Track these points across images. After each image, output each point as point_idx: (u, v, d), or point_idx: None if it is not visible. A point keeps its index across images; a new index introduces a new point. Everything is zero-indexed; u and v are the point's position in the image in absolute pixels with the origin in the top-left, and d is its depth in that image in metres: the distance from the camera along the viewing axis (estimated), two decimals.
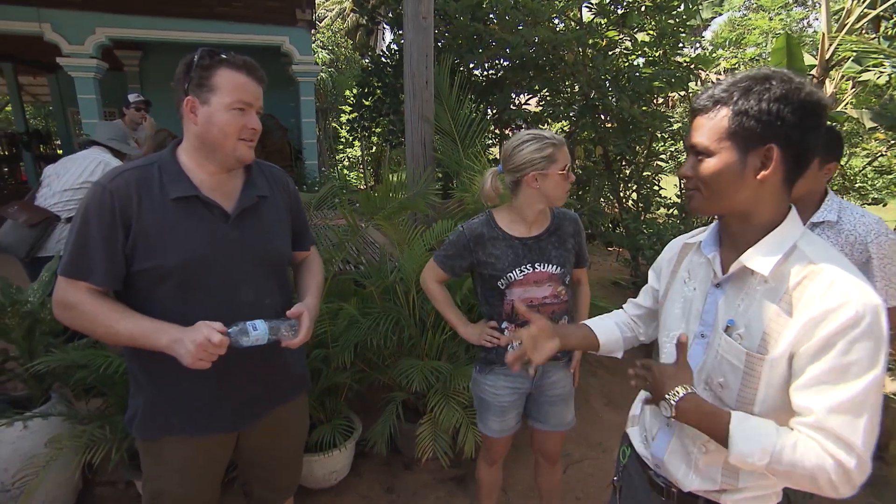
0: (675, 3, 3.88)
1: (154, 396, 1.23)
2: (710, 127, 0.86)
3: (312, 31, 6.25)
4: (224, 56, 1.15)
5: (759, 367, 0.86)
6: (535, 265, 1.57)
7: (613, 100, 3.93)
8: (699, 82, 5.14)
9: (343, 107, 9.51)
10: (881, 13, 4.30)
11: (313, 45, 9.30)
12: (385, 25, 7.18)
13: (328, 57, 11.14)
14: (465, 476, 2.38)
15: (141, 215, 1.12)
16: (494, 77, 4.74)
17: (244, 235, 1.23)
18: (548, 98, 4.54)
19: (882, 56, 3.29)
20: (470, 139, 3.24)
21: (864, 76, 4.89)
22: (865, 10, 4.27)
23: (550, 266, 1.58)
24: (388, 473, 2.42)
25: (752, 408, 0.89)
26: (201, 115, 1.15)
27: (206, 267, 1.17)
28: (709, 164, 0.88)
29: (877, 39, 4.36)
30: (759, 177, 0.84)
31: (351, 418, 2.36)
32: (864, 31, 4.66)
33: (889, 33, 4.29)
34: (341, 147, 11.05)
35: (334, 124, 10.55)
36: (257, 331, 1.12)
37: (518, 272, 1.56)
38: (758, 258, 0.88)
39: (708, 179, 0.88)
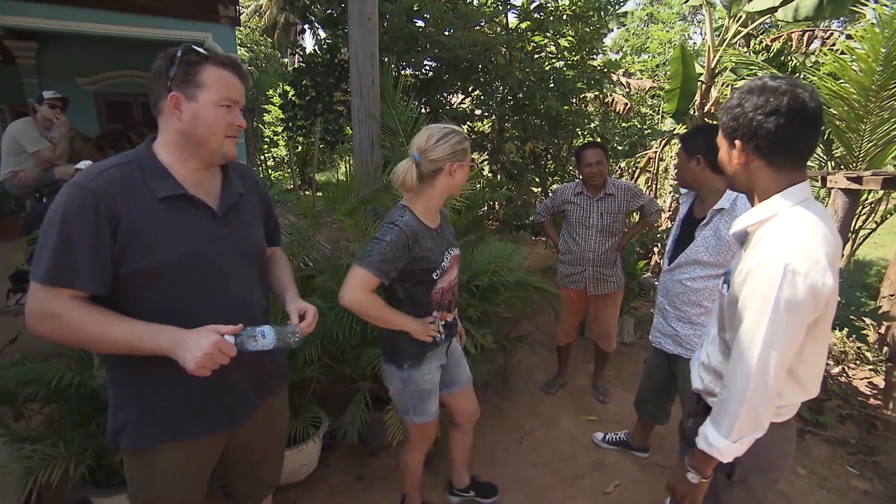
0: (591, 14, 4.31)
1: (147, 404, 1.19)
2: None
3: (236, 27, 5.98)
4: (207, 53, 1.15)
5: (722, 302, 1.17)
6: (450, 250, 1.69)
7: (540, 99, 4.26)
8: (610, 83, 5.72)
9: (267, 106, 9.16)
10: (750, 31, 5.12)
11: None
12: (306, 25, 7.06)
13: (247, 55, 10.65)
14: (430, 458, 2.49)
15: (130, 215, 1.08)
16: (429, 77, 4.90)
17: (231, 232, 1.25)
18: (481, 98, 4.79)
19: (755, 67, 3.94)
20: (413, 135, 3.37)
21: (740, 84, 5.75)
22: (739, 28, 5.05)
23: (455, 249, 1.73)
24: (355, 462, 2.47)
25: (725, 334, 1.19)
26: (187, 111, 1.13)
27: (198, 265, 1.17)
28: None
29: (748, 53, 5.18)
30: (735, 163, 1.10)
31: (317, 412, 2.39)
32: (738, 46, 5.49)
33: (756, 48, 5.13)
34: (266, 147, 10.61)
35: (259, 124, 10.12)
36: (265, 338, 1.14)
37: (445, 259, 1.66)
38: (738, 219, 1.15)
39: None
